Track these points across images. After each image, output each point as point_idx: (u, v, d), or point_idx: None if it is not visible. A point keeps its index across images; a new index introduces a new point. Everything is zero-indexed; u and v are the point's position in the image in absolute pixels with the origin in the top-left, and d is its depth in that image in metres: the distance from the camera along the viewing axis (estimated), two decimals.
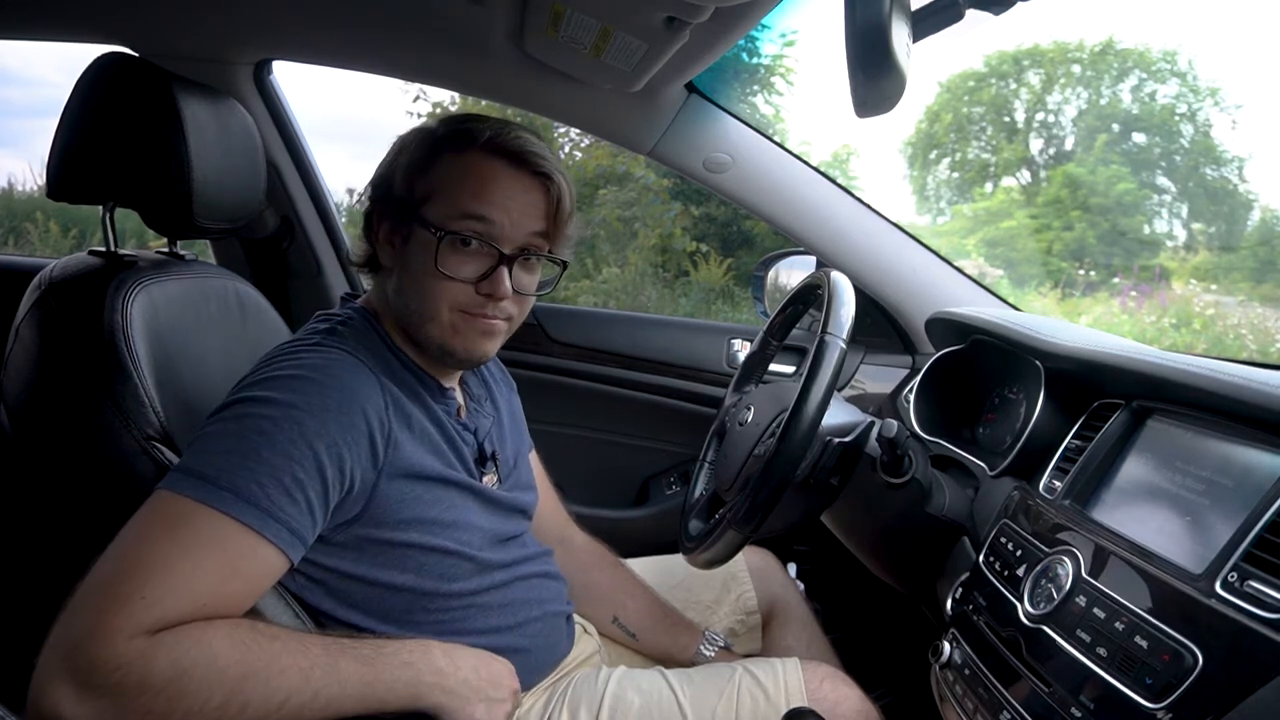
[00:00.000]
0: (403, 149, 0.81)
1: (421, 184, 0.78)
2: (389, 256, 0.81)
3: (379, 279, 0.85)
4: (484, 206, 0.77)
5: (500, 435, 0.94)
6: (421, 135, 0.81)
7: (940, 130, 6.21)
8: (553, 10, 1.02)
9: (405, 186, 0.79)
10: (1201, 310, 4.42)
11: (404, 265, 0.80)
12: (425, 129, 0.82)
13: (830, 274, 0.87)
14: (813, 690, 0.88)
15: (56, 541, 0.84)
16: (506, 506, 0.88)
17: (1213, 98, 5.68)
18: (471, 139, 0.78)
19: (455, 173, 0.77)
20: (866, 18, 0.54)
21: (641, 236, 4.97)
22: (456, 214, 0.77)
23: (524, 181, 0.79)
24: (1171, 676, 0.53)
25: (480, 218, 0.77)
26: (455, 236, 0.76)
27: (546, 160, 0.80)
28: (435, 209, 0.77)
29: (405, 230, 0.79)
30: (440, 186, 0.78)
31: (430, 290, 0.78)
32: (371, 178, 0.84)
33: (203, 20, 1.29)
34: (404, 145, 0.81)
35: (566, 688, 0.89)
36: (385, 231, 0.81)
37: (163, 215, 0.93)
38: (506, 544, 0.87)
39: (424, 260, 0.77)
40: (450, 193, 0.77)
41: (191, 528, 0.62)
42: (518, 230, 0.79)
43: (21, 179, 5.47)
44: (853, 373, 1.45)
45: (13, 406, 0.81)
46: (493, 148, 0.78)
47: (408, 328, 0.82)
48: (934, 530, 0.89)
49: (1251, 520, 0.56)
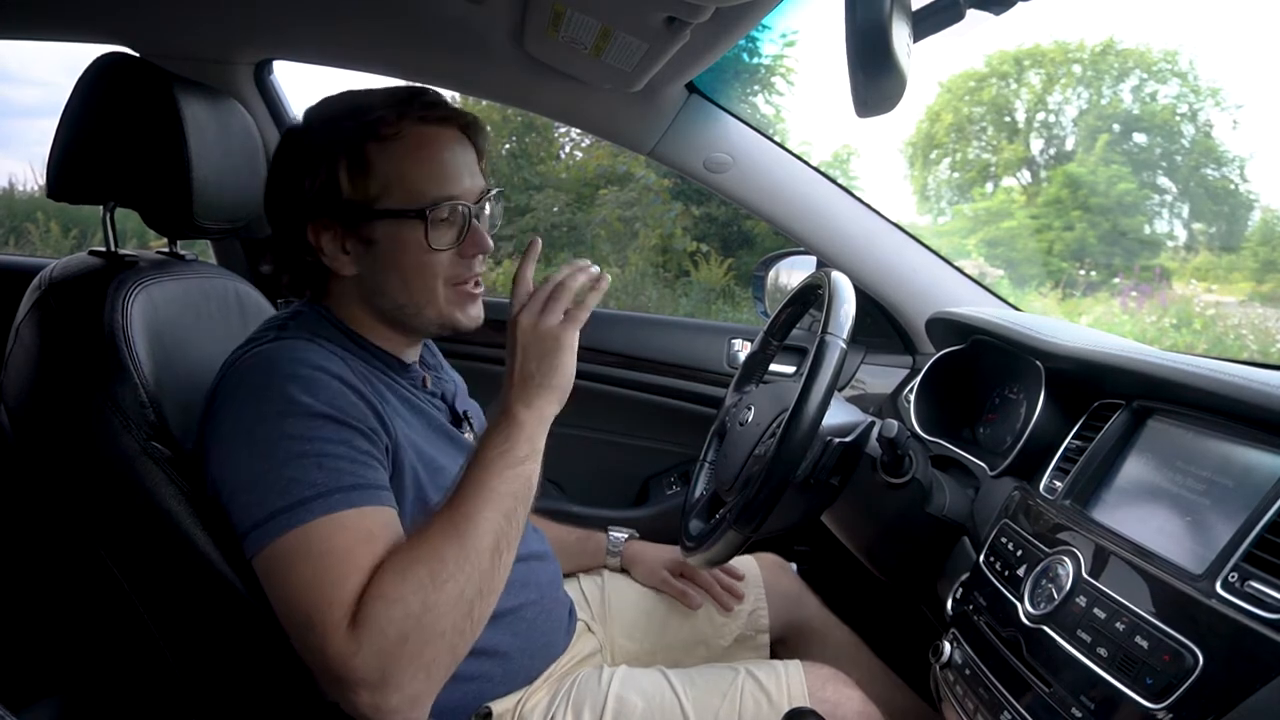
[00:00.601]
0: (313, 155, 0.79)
1: (370, 183, 0.78)
2: (347, 263, 0.81)
3: (334, 289, 0.83)
4: (448, 185, 0.79)
5: (465, 399, 0.97)
6: (333, 134, 0.78)
7: (941, 130, 6.20)
8: (553, 10, 1.02)
9: (353, 191, 0.78)
10: (1202, 310, 4.41)
11: (380, 263, 0.80)
12: (323, 129, 0.79)
13: (830, 274, 0.87)
14: (815, 692, 0.88)
15: (56, 541, 0.84)
16: None
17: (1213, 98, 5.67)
18: (396, 120, 0.78)
19: (401, 160, 0.78)
20: (866, 18, 0.54)
21: (642, 237, 4.97)
22: (425, 200, 0.78)
23: (458, 139, 0.82)
24: (1172, 676, 0.53)
25: (448, 196, 0.79)
26: (436, 215, 0.78)
27: (460, 111, 0.82)
28: (396, 199, 0.78)
29: (365, 232, 0.79)
30: (392, 179, 0.78)
31: (424, 271, 0.79)
32: (274, 198, 0.83)
33: (203, 20, 1.29)
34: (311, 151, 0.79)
35: (569, 687, 0.89)
36: (330, 241, 0.80)
37: (163, 215, 0.92)
38: None
39: (406, 247, 0.78)
40: (407, 182, 0.78)
41: (314, 547, 0.67)
42: (473, 188, 0.82)
43: (22, 179, 5.47)
44: (853, 373, 1.45)
45: (13, 406, 0.81)
46: (419, 116, 0.79)
47: (397, 320, 0.83)
48: (934, 530, 0.89)
49: (1252, 520, 0.56)
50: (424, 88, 0.82)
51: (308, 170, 0.79)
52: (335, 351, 0.77)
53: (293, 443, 0.69)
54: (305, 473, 0.68)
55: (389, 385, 0.82)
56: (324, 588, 0.66)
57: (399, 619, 0.65)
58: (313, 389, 0.72)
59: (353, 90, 0.83)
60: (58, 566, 0.92)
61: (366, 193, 0.78)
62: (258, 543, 0.68)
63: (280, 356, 0.74)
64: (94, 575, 0.79)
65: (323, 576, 0.66)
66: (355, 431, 0.72)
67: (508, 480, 0.71)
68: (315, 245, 0.80)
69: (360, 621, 0.64)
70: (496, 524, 0.70)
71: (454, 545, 0.68)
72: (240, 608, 0.76)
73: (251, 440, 0.71)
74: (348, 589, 0.66)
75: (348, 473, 0.70)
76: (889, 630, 1.18)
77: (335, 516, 0.68)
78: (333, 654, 0.64)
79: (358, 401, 0.74)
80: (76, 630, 0.98)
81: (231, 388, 0.74)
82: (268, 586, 0.69)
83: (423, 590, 0.66)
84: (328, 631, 0.65)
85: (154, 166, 0.88)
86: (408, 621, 0.65)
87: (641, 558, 1.12)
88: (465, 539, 0.68)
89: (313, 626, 0.65)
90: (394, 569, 0.67)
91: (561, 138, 5.61)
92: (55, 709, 0.98)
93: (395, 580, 0.66)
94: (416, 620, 0.65)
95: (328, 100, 0.83)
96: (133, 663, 0.84)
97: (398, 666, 0.65)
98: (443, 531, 0.68)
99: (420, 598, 0.65)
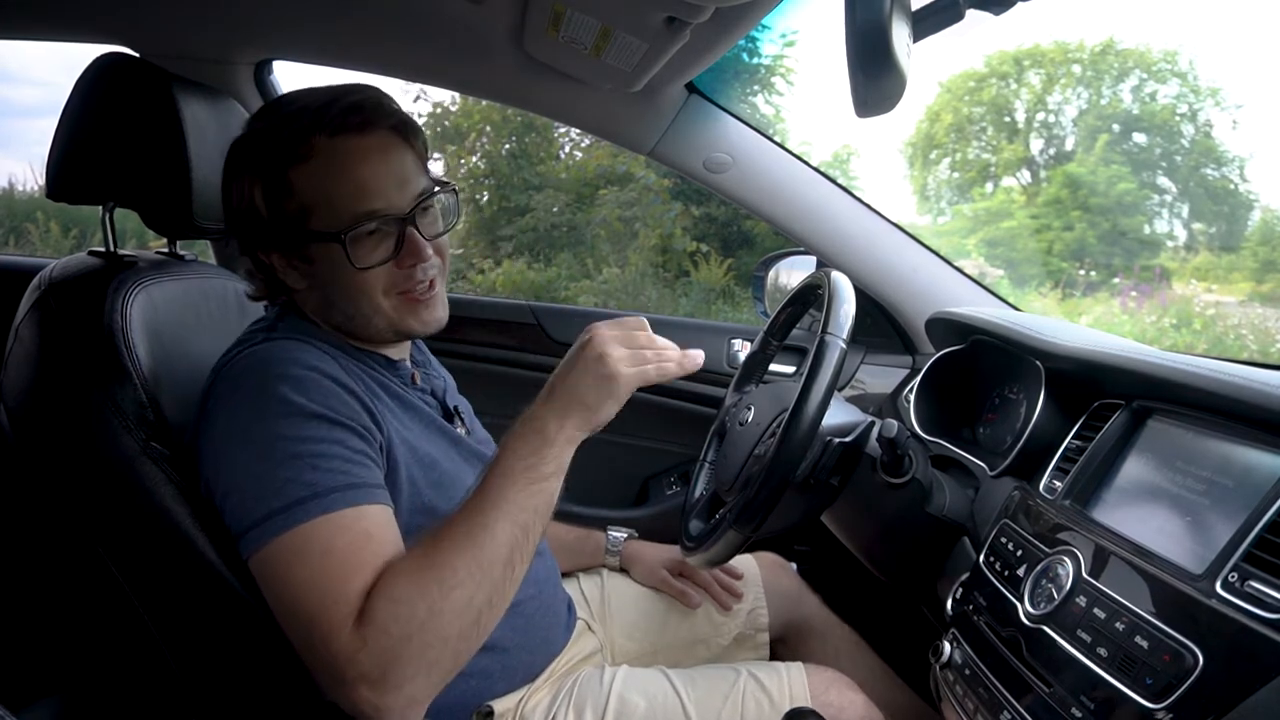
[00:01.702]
0: (237, 178, 0.78)
1: (292, 204, 0.76)
2: (298, 279, 0.81)
3: (299, 299, 0.84)
4: (368, 199, 0.75)
5: (455, 394, 0.97)
6: (251, 157, 0.77)
7: (940, 130, 6.20)
8: (553, 10, 1.02)
9: (276, 214, 0.77)
10: (1202, 310, 4.41)
11: (321, 280, 0.79)
12: (244, 152, 0.78)
13: (830, 274, 0.87)
14: (817, 694, 0.88)
15: (56, 541, 0.84)
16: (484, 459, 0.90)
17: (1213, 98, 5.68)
18: (308, 137, 0.74)
19: (319, 179, 0.75)
20: (866, 18, 0.54)
21: (642, 237, 4.97)
22: (347, 218, 0.75)
23: (382, 143, 0.77)
24: (1172, 676, 0.53)
25: (369, 213, 0.75)
26: (357, 233, 0.75)
27: (382, 107, 0.77)
28: (321, 220, 0.76)
29: (302, 251, 0.78)
30: (314, 199, 0.75)
31: (360, 288, 0.78)
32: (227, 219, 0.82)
33: (203, 20, 1.29)
34: (237, 174, 0.78)
35: (571, 686, 0.89)
36: (279, 260, 0.80)
37: (163, 215, 0.93)
38: None
39: (339, 266, 0.76)
40: (328, 201, 0.75)
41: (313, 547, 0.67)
42: (404, 195, 0.77)
43: (22, 179, 5.48)
44: (853, 373, 1.45)
45: (12, 407, 0.81)
46: (333, 130, 0.74)
47: (355, 331, 0.82)
48: (934, 530, 0.89)
49: (1252, 520, 0.56)
50: (349, 87, 0.78)
51: (236, 193, 0.78)
52: (326, 350, 0.77)
53: (287, 443, 0.69)
54: (300, 473, 0.68)
55: (380, 382, 0.82)
56: (327, 586, 0.66)
57: (404, 620, 0.65)
58: (305, 389, 0.72)
59: (282, 96, 0.81)
60: (57, 566, 0.92)
61: (292, 214, 0.76)
62: (254, 543, 0.68)
63: (272, 357, 0.74)
64: (94, 575, 0.79)
65: (325, 576, 0.66)
66: (349, 431, 0.72)
67: (529, 495, 0.70)
68: (267, 264, 0.80)
69: (366, 620, 0.65)
70: (512, 536, 0.69)
71: (467, 554, 0.67)
72: (239, 607, 0.76)
73: (246, 441, 0.71)
74: (352, 588, 0.66)
75: (342, 472, 0.70)
76: (889, 630, 1.18)
77: (332, 516, 0.68)
78: (336, 651, 0.64)
79: (350, 400, 0.74)
80: (76, 630, 0.98)
81: (224, 389, 0.74)
82: (266, 586, 0.69)
83: (430, 595, 0.65)
84: (332, 628, 0.65)
85: (153, 166, 0.88)
86: (413, 624, 0.65)
87: (641, 557, 1.12)
88: (480, 549, 0.68)
89: (316, 624, 0.65)
90: (404, 571, 0.67)
91: (561, 138, 5.61)
92: (55, 709, 0.98)
93: (404, 583, 0.66)
94: (421, 624, 0.65)
95: (259, 112, 0.81)
96: (132, 662, 0.84)
97: (399, 666, 0.65)
98: (457, 539, 0.68)
99: (427, 603, 0.65)
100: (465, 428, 0.94)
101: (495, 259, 5.19)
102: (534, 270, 5.06)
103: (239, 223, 0.80)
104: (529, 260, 5.13)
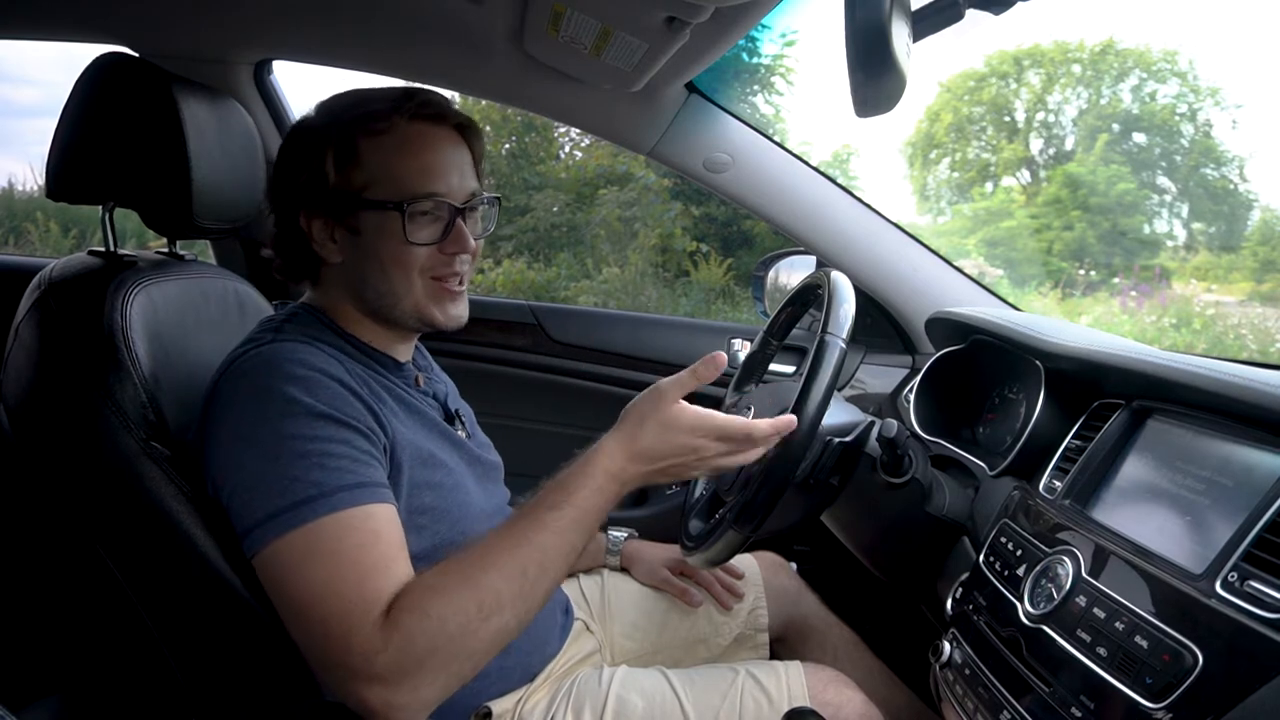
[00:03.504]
0: (308, 145, 0.81)
1: (357, 174, 0.79)
2: (334, 251, 0.82)
3: (325, 278, 0.85)
4: (431, 181, 0.80)
5: (456, 398, 0.98)
6: (328, 126, 0.81)
7: (940, 130, 6.20)
8: (553, 10, 1.02)
9: (340, 180, 0.79)
10: (1201, 310, 4.41)
11: (364, 251, 0.81)
12: (322, 121, 0.82)
13: (830, 274, 0.87)
14: (816, 694, 0.88)
15: (56, 541, 0.84)
16: (484, 463, 0.92)
17: (1213, 97, 5.68)
18: (388, 115, 0.79)
19: (389, 154, 0.79)
20: (866, 18, 0.54)
21: (641, 236, 4.97)
22: (407, 194, 0.79)
23: (451, 139, 0.83)
24: (1171, 676, 0.53)
25: (429, 194, 0.80)
26: (414, 209, 0.79)
27: (458, 111, 0.84)
28: (381, 191, 0.79)
29: (351, 221, 0.80)
30: (379, 172, 0.79)
31: (402, 263, 0.80)
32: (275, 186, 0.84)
33: (203, 20, 1.29)
34: (307, 141, 0.81)
35: (570, 687, 0.89)
36: (320, 229, 0.82)
37: (163, 215, 0.92)
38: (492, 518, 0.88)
39: (387, 237, 0.79)
40: (393, 175, 0.79)
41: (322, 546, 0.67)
42: (461, 188, 0.82)
43: (22, 179, 5.48)
44: (853, 373, 1.45)
45: (12, 406, 0.81)
46: (411, 114, 0.80)
47: (379, 311, 0.84)
48: (934, 530, 0.89)
49: (1251, 520, 0.56)
50: (425, 88, 0.84)
51: (303, 159, 0.81)
52: (332, 354, 0.78)
53: (294, 442, 0.70)
54: (307, 472, 0.69)
55: (384, 385, 0.82)
56: (340, 586, 0.66)
57: (433, 634, 0.65)
58: (312, 390, 0.72)
59: (359, 88, 0.85)
60: (58, 566, 0.92)
61: (354, 183, 0.79)
62: (260, 541, 0.69)
63: (279, 357, 0.74)
64: (94, 575, 0.79)
65: (337, 575, 0.67)
66: (355, 431, 0.73)
67: (586, 537, 0.72)
68: (306, 232, 0.82)
69: (393, 625, 0.65)
70: (561, 573, 0.71)
71: (515, 585, 0.68)
72: (239, 607, 0.76)
73: (253, 441, 0.71)
74: (367, 588, 0.66)
75: (349, 472, 0.70)
76: (889, 630, 1.18)
77: (339, 515, 0.68)
78: (351, 649, 0.65)
79: (355, 402, 0.74)
80: (76, 630, 0.98)
81: (231, 389, 0.75)
82: (272, 584, 0.70)
83: (466, 614, 0.66)
84: (348, 628, 0.65)
85: (153, 166, 0.88)
86: (440, 638, 0.65)
87: (641, 556, 1.12)
88: (529, 583, 0.69)
89: (328, 622, 0.66)
90: (441, 589, 0.67)
91: (561, 138, 5.61)
92: (55, 708, 0.98)
93: (440, 600, 0.66)
94: (450, 638, 0.66)
95: (336, 95, 0.85)
96: (132, 662, 0.84)
97: (419, 672, 0.65)
98: (505, 569, 0.69)
99: (460, 621, 0.66)
100: (466, 431, 0.94)
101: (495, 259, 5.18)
102: (534, 270, 5.06)
103: (292, 187, 0.81)
104: (529, 260, 5.13)
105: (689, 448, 0.73)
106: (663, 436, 0.73)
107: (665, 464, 0.74)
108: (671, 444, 0.73)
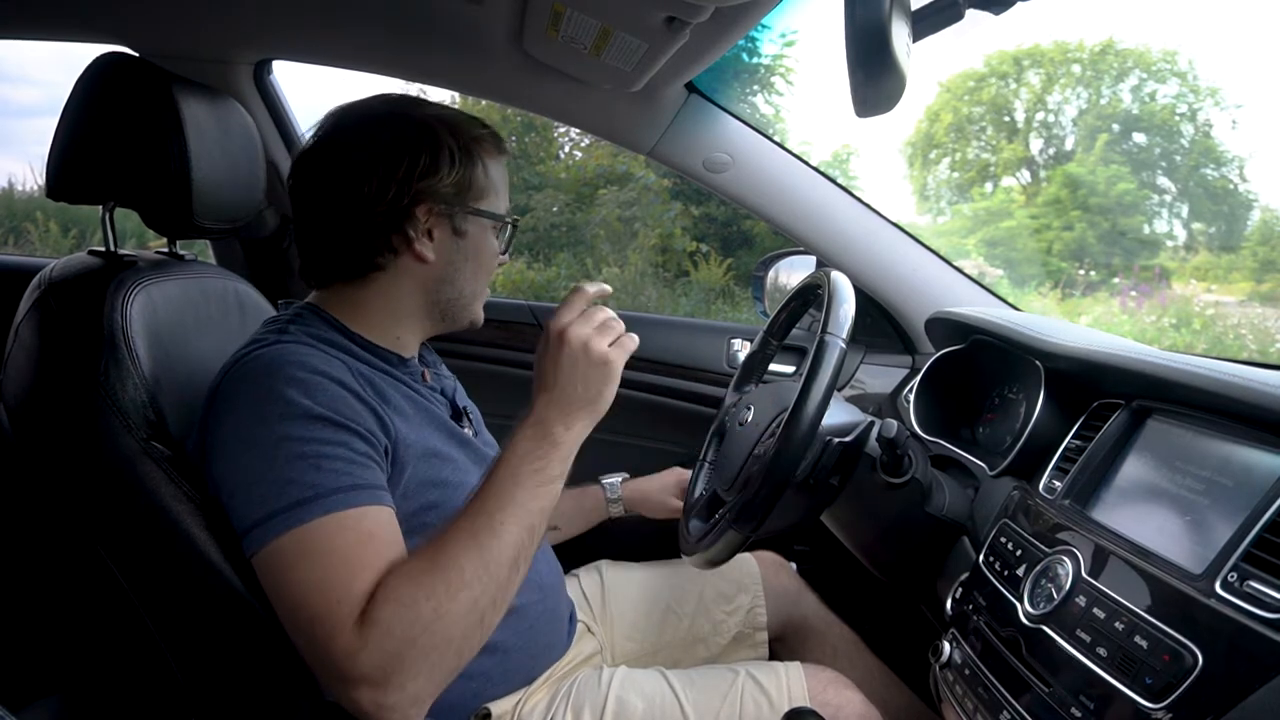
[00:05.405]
0: (431, 146, 0.81)
1: (478, 186, 0.85)
2: (430, 248, 0.83)
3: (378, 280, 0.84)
4: (506, 205, 0.90)
5: (463, 396, 0.98)
6: (444, 133, 0.82)
7: (940, 130, 6.20)
8: (553, 10, 1.02)
9: (457, 183, 0.83)
10: (1201, 310, 4.42)
11: (461, 254, 0.85)
12: (435, 126, 0.83)
13: (830, 274, 0.87)
14: (816, 694, 0.88)
15: (56, 541, 0.84)
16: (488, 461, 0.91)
17: (1213, 98, 5.68)
18: (499, 142, 0.88)
19: (497, 175, 0.87)
20: (866, 18, 0.54)
21: (641, 236, 4.97)
22: (503, 210, 0.88)
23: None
24: (1171, 676, 0.53)
25: (508, 214, 0.89)
26: (508, 226, 0.89)
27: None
28: (491, 204, 0.86)
29: (457, 224, 0.84)
30: (491, 187, 0.86)
31: (489, 269, 0.89)
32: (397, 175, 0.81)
33: (203, 20, 1.29)
34: (429, 143, 0.81)
35: (569, 688, 0.89)
36: (427, 221, 0.82)
37: (163, 215, 0.92)
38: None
39: (484, 246, 0.87)
40: (500, 194, 0.88)
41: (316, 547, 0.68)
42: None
43: (21, 179, 5.48)
44: (853, 373, 1.45)
45: (12, 406, 0.81)
46: (500, 148, 0.88)
47: (450, 308, 0.87)
48: (934, 530, 0.89)
49: (1251, 520, 0.56)
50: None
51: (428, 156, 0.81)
52: (336, 355, 0.78)
53: (292, 444, 0.70)
54: (304, 474, 0.69)
55: (390, 383, 0.82)
56: (329, 586, 0.66)
57: (409, 622, 0.65)
58: (311, 392, 0.72)
59: (448, 106, 0.91)
60: (58, 566, 0.92)
61: (473, 192, 0.84)
62: (257, 541, 0.69)
63: (281, 360, 0.75)
64: (94, 575, 0.79)
65: (327, 575, 0.67)
66: (353, 434, 0.73)
67: (538, 497, 0.72)
68: (421, 222, 0.82)
69: (369, 621, 0.65)
70: (519, 538, 0.70)
71: (474, 556, 0.68)
72: (239, 607, 0.76)
73: (252, 441, 0.71)
74: (355, 588, 0.66)
75: (345, 474, 0.70)
76: (888, 630, 1.18)
77: (335, 516, 0.68)
78: (338, 650, 0.65)
79: (356, 404, 0.75)
80: (76, 630, 0.98)
81: (232, 389, 0.75)
82: (268, 584, 0.70)
83: (436, 597, 0.66)
84: (334, 628, 0.65)
85: (154, 166, 0.88)
86: (417, 626, 0.65)
87: (646, 496, 1.14)
88: (486, 551, 0.69)
89: (318, 623, 0.66)
90: (408, 574, 0.67)
91: (561, 138, 5.62)
92: (55, 708, 0.98)
93: (409, 585, 0.66)
94: (426, 626, 0.65)
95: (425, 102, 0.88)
96: (132, 662, 0.84)
97: (402, 667, 0.65)
98: (463, 542, 0.69)
99: (433, 604, 0.66)
100: (473, 429, 0.95)
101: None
102: (534, 270, 5.06)
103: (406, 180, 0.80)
104: (529, 260, 5.13)
105: (574, 351, 0.73)
106: (548, 367, 0.74)
107: (579, 386, 0.73)
108: (557, 363, 0.73)
